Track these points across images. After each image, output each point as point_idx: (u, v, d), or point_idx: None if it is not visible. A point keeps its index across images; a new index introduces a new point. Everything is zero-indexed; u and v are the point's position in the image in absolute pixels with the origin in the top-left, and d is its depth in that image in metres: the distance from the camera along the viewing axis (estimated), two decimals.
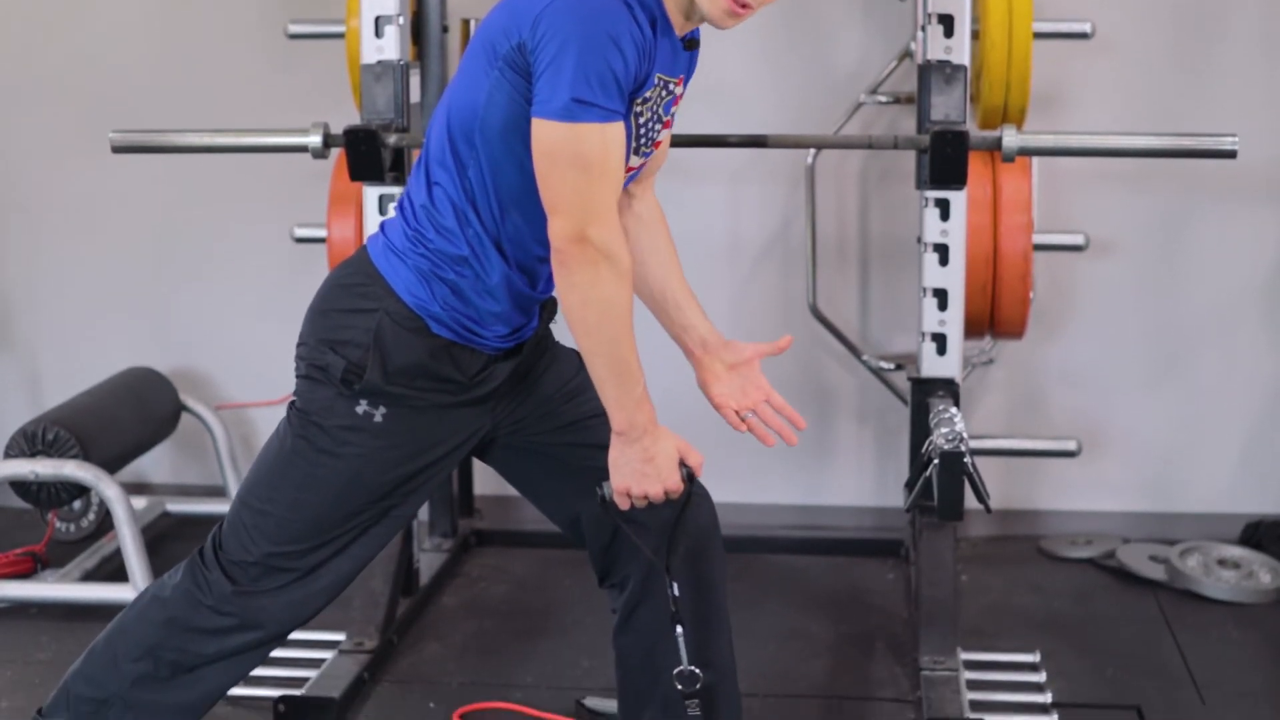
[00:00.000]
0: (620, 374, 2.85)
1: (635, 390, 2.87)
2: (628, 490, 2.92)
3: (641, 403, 2.88)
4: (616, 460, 2.92)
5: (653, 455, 2.90)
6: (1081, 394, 5.25)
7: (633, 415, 2.88)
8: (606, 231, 2.77)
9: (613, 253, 2.77)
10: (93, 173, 5.45)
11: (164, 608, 3.14)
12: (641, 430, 2.89)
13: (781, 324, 5.28)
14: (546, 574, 4.99)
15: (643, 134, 2.92)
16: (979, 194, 4.50)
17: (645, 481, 2.91)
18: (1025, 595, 4.84)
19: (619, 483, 2.93)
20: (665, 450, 2.92)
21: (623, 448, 2.91)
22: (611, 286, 2.78)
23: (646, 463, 2.90)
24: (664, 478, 2.92)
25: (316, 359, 2.99)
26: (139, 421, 5.14)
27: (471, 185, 2.91)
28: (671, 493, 2.94)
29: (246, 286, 5.51)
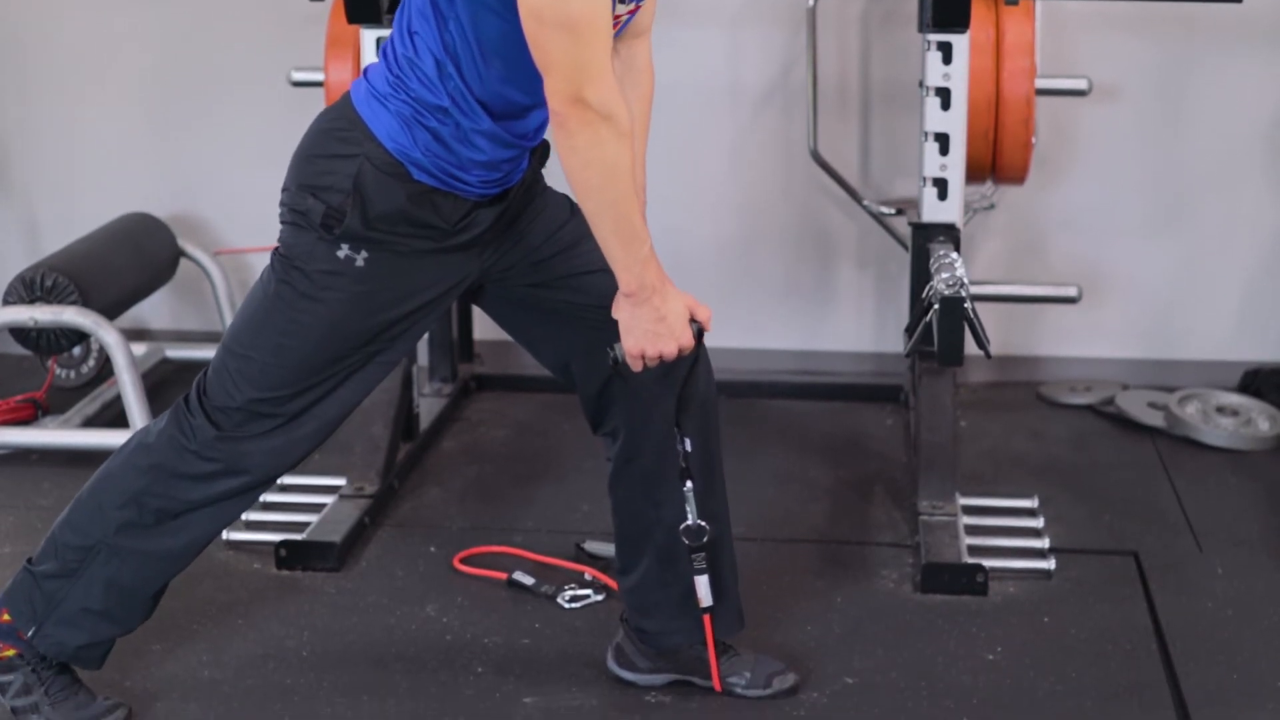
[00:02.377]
0: (625, 235, 2.84)
1: (641, 250, 2.85)
2: (642, 352, 2.92)
3: (648, 262, 2.86)
4: (628, 323, 2.92)
5: (664, 315, 2.90)
6: (1082, 240, 5.23)
7: (641, 275, 2.86)
8: (603, 91, 2.74)
9: (611, 113, 2.74)
10: (90, 16, 5.41)
11: (149, 454, 3.15)
12: (651, 290, 2.88)
13: (783, 169, 5.27)
14: (546, 418, 5.01)
15: None
16: (981, 37, 4.46)
17: (659, 341, 2.91)
18: (1024, 441, 4.86)
19: (632, 345, 2.92)
20: (676, 309, 2.92)
21: (633, 309, 2.90)
22: (612, 147, 2.76)
23: (658, 322, 2.90)
24: (677, 335, 2.92)
25: (298, 204, 2.97)
26: (138, 267, 5.13)
27: (453, 37, 2.86)
28: (685, 350, 2.94)
29: (245, 131, 5.48)
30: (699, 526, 3.09)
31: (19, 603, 3.23)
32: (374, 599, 3.87)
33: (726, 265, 5.35)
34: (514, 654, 3.62)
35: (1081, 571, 3.98)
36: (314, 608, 3.84)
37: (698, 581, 3.17)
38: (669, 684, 3.43)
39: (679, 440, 3.06)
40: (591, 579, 3.91)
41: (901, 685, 3.47)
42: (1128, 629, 3.72)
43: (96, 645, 3.26)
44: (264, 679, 3.52)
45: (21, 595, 3.23)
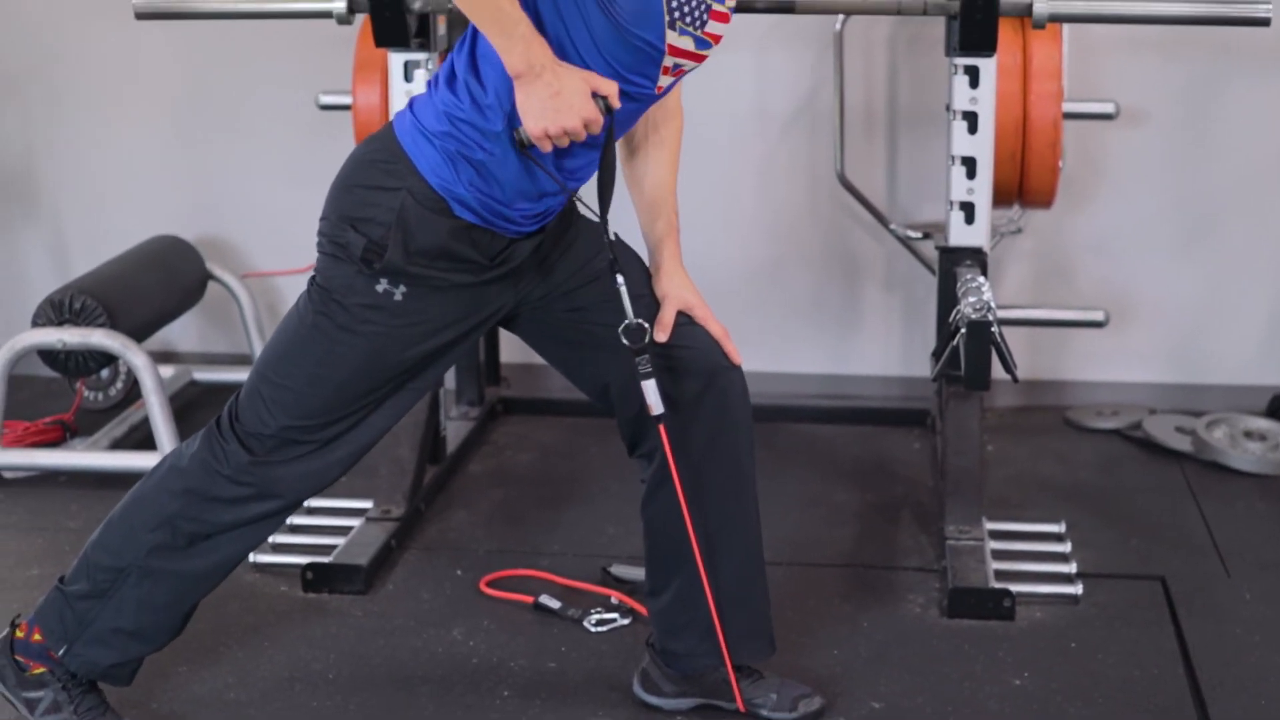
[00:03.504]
0: (496, 16, 2.77)
1: (518, 29, 2.77)
2: (545, 131, 2.83)
3: (530, 40, 2.78)
4: (524, 104, 2.83)
5: (559, 89, 2.80)
6: (1109, 264, 5.23)
7: (525, 54, 2.78)
8: None
9: None
10: (118, 39, 5.43)
11: (181, 477, 3.16)
12: (541, 67, 2.79)
13: (810, 192, 5.27)
14: (573, 442, 5.01)
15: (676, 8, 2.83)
16: (1009, 61, 4.46)
17: (559, 117, 2.81)
18: (1051, 465, 4.84)
19: (533, 125, 2.83)
20: (571, 82, 2.82)
21: (526, 88, 2.81)
22: None
23: (554, 96, 2.80)
24: (578, 108, 2.81)
25: (338, 236, 2.98)
26: (166, 290, 5.15)
27: None
28: (590, 123, 2.84)
29: (272, 154, 5.50)
30: (638, 325, 3.03)
31: (51, 622, 3.25)
32: (400, 622, 3.88)
33: (754, 288, 5.35)
34: (540, 678, 3.61)
35: (1109, 596, 3.97)
36: (340, 630, 3.84)
37: (645, 387, 3.06)
38: (694, 708, 3.42)
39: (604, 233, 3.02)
40: (618, 603, 3.90)
41: (928, 710, 3.47)
42: (1155, 654, 3.70)
43: (126, 664, 3.28)
44: (290, 701, 3.52)
45: (53, 614, 3.25)
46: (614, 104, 2.86)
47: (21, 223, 5.70)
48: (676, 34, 2.88)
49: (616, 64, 2.87)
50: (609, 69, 2.87)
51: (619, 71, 2.88)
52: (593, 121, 2.84)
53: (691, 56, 2.94)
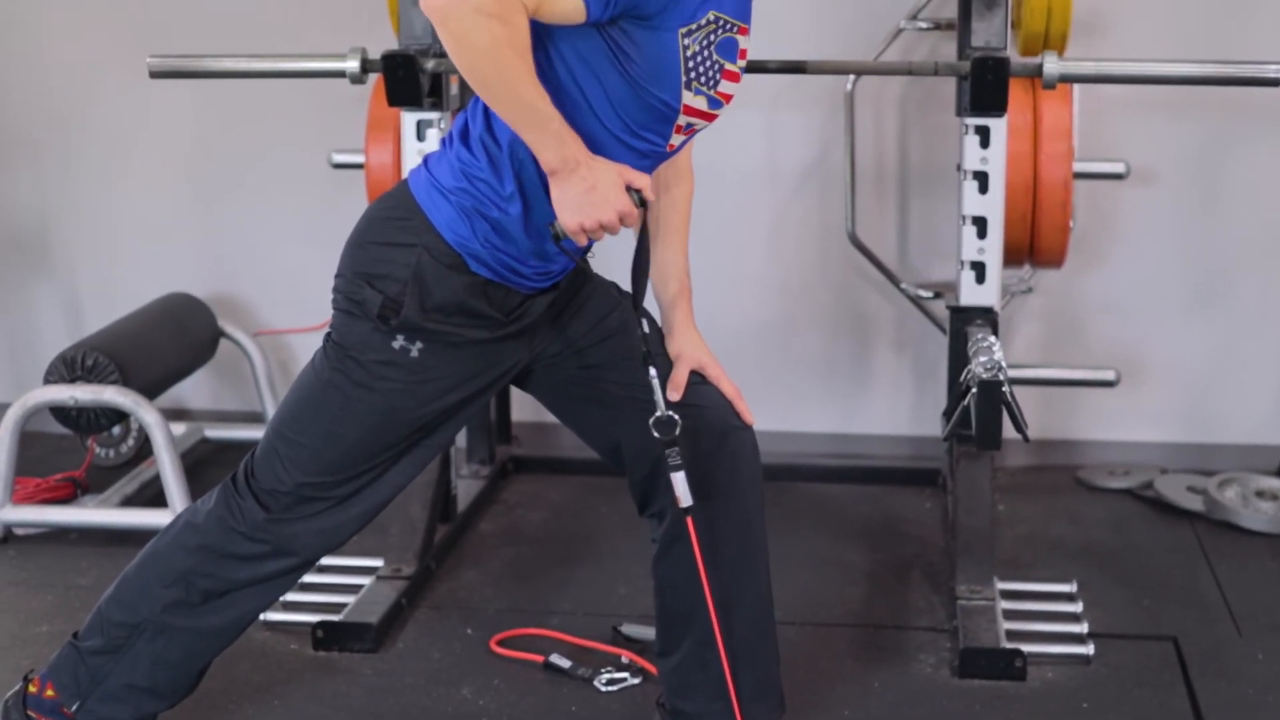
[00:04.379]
0: (529, 116, 2.78)
1: (551, 125, 2.79)
2: (580, 225, 2.85)
3: (563, 136, 2.80)
4: (560, 199, 2.85)
5: (594, 183, 2.83)
6: (1120, 324, 5.23)
7: (559, 150, 2.80)
8: None
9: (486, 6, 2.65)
10: (131, 97, 5.46)
11: (197, 534, 3.17)
12: (575, 163, 2.82)
13: (820, 252, 5.28)
14: (584, 501, 5.01)
15: (693, 69, 2.87)
16: (1019, 121, 4.47)
17: (594, 210, 2.84)
18: (1062, 525, 4.84)
19: (569, 220, 2.85)
20: (606, 175, 2.84)
21: (561, 184, 2.84)
22: (483, 32, 2.67)
23: (589, 191, 2.83)
24: (613, 202, 2.84)
25: (354, 293, 2.99)
26: (178, 347, 5.16)
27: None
28: (626, 217, 2.87)
29: (285, 212, 5.51)
30: (669, 418, 3.02)
31: (64, 678, 3.25)
32: (410, 681, 3.87)
33: (764, 347, 5.36)
34: None
35: (1120, 657, 3.96)
36: (350, 689, 3.83)
37: (675, 479, 3.05)
38: None
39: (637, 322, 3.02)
40: (628, 662, 3.90)
41: None
42: (1167, 715, 3.69)
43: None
44: None
45: (67, 670, 3.25)
46: (648, 197, 2.90)
47: (35, 279, 5.72)
48: (692, 94, 2.90)
49: (631, 121, 2.89)
50: (623, 126, 2.88)
51: (632, 128, 2.89)
52: (627, 215, 2.87)
53: (704, 115, 2.96)
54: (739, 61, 2.96)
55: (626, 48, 2.82)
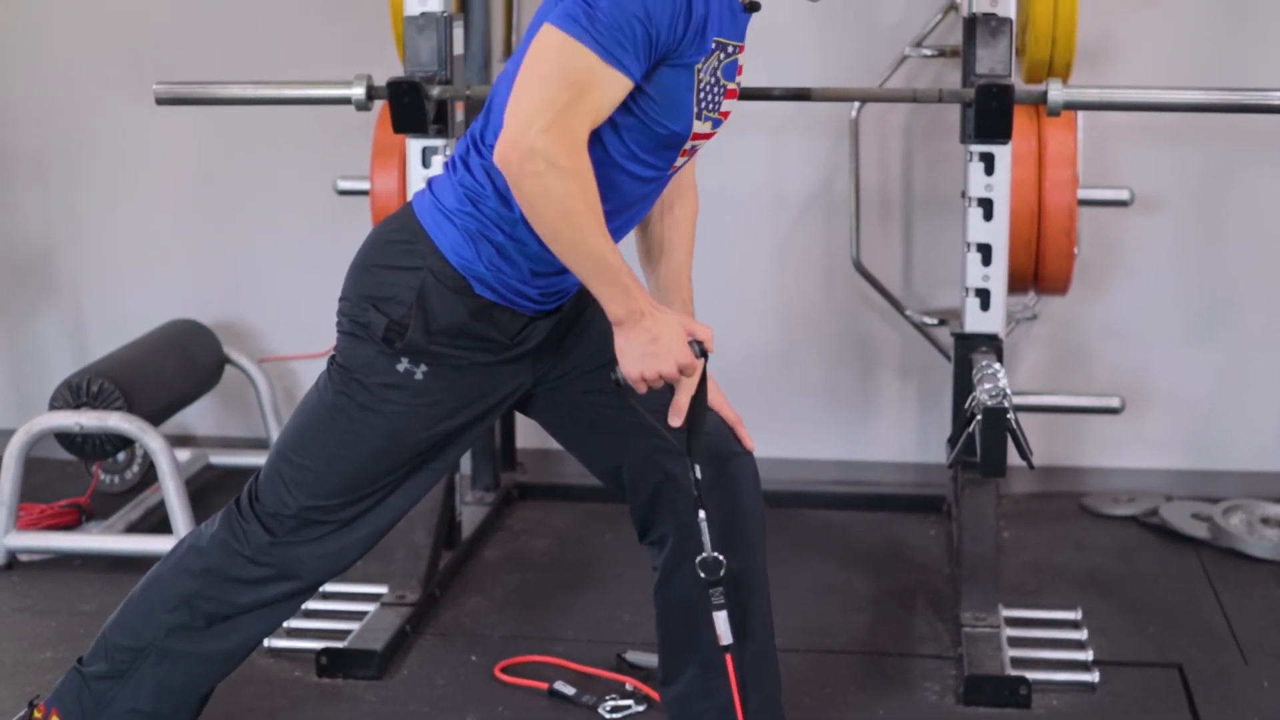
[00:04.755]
0: (601, 271, 2.80)
1: (621, 280, 2.81)
2: (641, 375, 2.88)
3: (631, 290, 2.82)
4: (624, 348, 2.88)
5: (657, 334, 2.85)
6: (1125, 350, 5.23)
7: (625, 303, 2.83)
8: (552, 139, 2.68)
9: (555, 157, 2.68)
10: (136, 124, 5.47)
11: (201, 558, 3.17)
12: (640, 314, 2.84)
13: (825, 278, 5.28)
14: (588, 528, 5.00)
15: (704, 98, 2.89)
16: (1024, 148, 4.48)
17: (656, 362, 2.86)
18: (1067, 552, 4.83)
19: (631, 369, 2.88)
20: (670, 328, 2.86)
21: (626, 334, 2.86)
22: (559, 188, 2.70)
23: (653, 343, 2.85)
24: (675, 353, 2.86)
25: (358, 316, 3.00)
26: (183, 374, 5.17)
27: None
28: (686, 369, 2.89)
29: (290, 239, 5.52)
30: (714, 559, 3.01)
31: (68, 703, 3.25)
32: (415, 708, 3.86)
33: (769, 374, 5.36)
34: None
35: (1125, 684, 3.95)
36: (354, 716, 3.83)
37: (716, 618, 3.04)
38: None
39: (689, 468, 3.02)
40: (633, 689, 3.89)
41: None
42: None
43: None
44: None
45: (71, 696, 3.25)
46: (709, 348, 2.93)
47: (40, 305, 5.73)
48: (701, 121, 2.91)
49: (639, 150, 2.90)
50: (631, 156, 2.89)
51: (640, 157, 2.90)
52: (687, 366, 2.89)
53: (707, 136, 2.98)
54: (738, 78, 2.98)
55: (644, 88, 2.82)
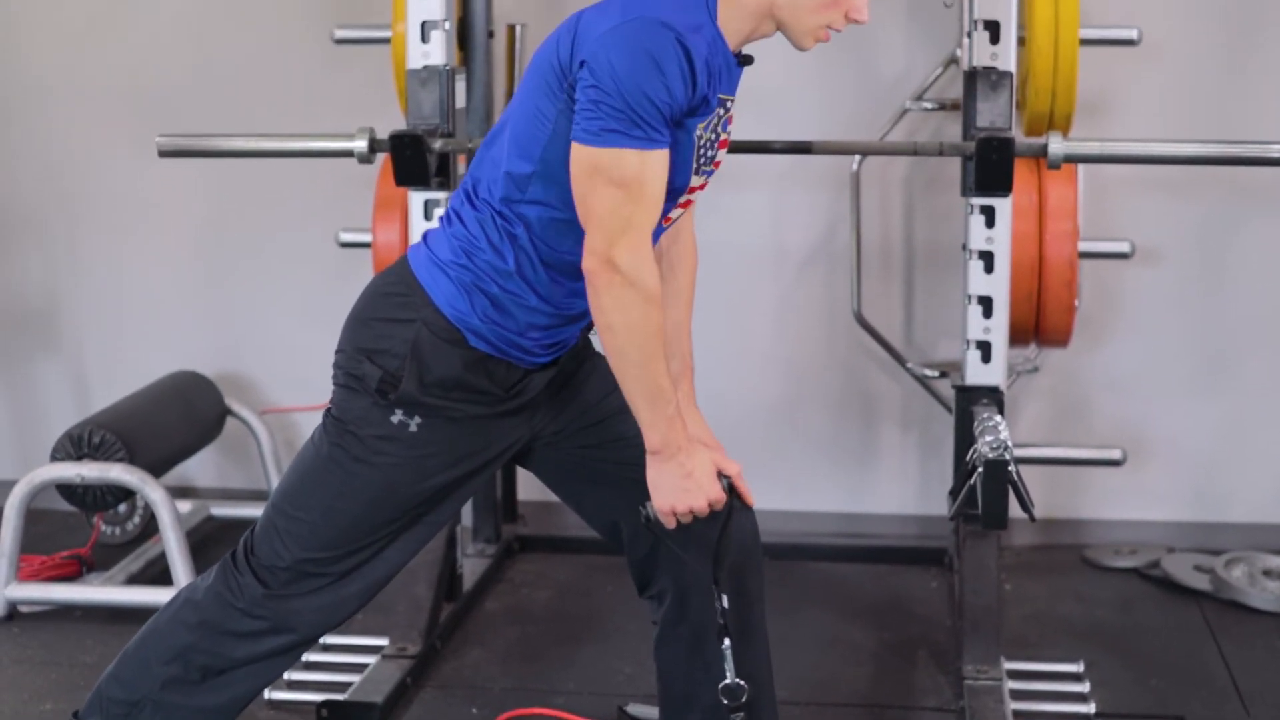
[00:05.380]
0: (652, 395, 2.86)
1: (668, 409, 2.87)
2: (672, 509, 2.93)
3: (674, 421, 2.88)
4: (656, 480, 2.94)
5: (690, 470, 2.92)
6: (1126, 402, 5.23)
7: (666, 434, 2.89)
8: (634, 255, 2.77)
9: (639, 277, 2.77)
10: (139, 176, 5.48)
11: (196, 610, 3.16)
12: (676, 448, 2.90)
13: (826, 331, 5.29)
14: (589, 580, 5.00)
15: (702, 154, 2.91)
16: (1024, 201, 4.49)
17: (687, 497, 2.92)
18: (1069, 604, 4.83)
19: (662, 502, 2.94)
20: (702, 464, 2.93)
21: (659, 466, 2.92)
22: (638, 311, 2.79)
23: (685, 478, 2.92)
24: (705, 490, 2.93)
25: (353, 368, 3.00)
26: (184, 425, 5.17)
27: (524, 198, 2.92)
28: (715, 504, 2.95)
29: (292, 291, 5.53)
30: (737, 685, 3.05)
31: None
32: None
33: (770, 426, 5.36)
34: None
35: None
36: None
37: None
38: None
39: (716, 597, 3.05)
40: None
41: None
42: None
43: None
44: None
45: None
46: (738, 485, 3.01)
47: (42, 357, 5.73)
48: (699, 176, 2.93)
49: None
50: None
51: None
52: (717, 502, 2.95)
53: (701, 187, 3.00)
54: (729, 128, 3.01)
55: None
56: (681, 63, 2.76)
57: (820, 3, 2.91)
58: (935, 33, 5.03)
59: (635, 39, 2.75)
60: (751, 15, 2.92)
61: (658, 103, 2.74)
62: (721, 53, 2.88)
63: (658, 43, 2.75)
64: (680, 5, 2.83)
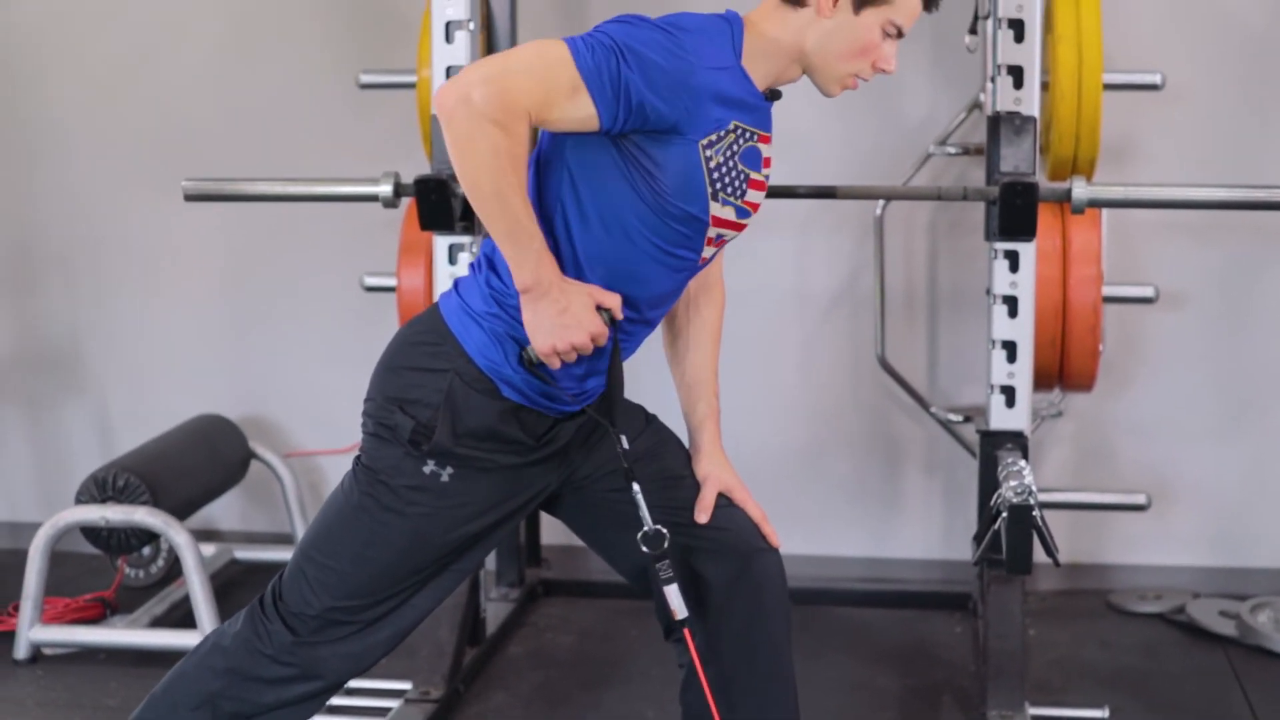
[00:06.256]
0: (513, 230, 2.82)
1: (533, 244, 2.83)
2: (553, 348, 2.88)
3: (541, 256, 2.84)
4: (531, 321, 2.89)
5: (566, 305, 2.87)
6: (1151, 447, 5.22)
7: (535, 270, 2.84)
8: (492, 95, 2.73)
9: (490, 110, 2.73)
10: (165, 219, 5.51)
11: (224, 656, 3.15)
12: (548, 284, 2.85)
13: (851, 375, 5.29)
14: (613, 624, 4.99)
15: (718, 179, 2.91)
16: (1048, 245, 4.49)
17: (567, 333, 2.87)
18: (1094, 650, 4.81)
19: (541, 342, 2.88)
20: (578, 299, 2.88)
21: (533, 305, 2.87)
22: (487, 140, 2.74)
23: (562, 314, 2.86)
24: (585, 324, 2.88)
25: (385, 418, 3.00)
26: (209, 468, 5.18)
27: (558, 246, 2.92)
28: (597, 338, 2.90)
29: (316, 334, 5.54)
30: (657, 531, 3.00)
31: None
32: None
33: (795, 470, 5.36)
34: None
35: None
36: None
37: (668, 592, 3.02)
38: None
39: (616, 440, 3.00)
40: None
41: None
42: None
43: None
44: None
45: None
46: (617, 315, 2.93)
47: (67, 399, 5.75)
48: (719, 204, 2.93)
49: (661, 239, 2.92)
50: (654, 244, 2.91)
51: (662, 245, 2.92)
52: (599, 335, 2.90)
53: (733, 226, 2.99)
54: (764, 170, 3.00)
55: (647, 165, 2.86)
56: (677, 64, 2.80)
57: (850, 51, 2.94)
58: (959, 77, 5.04)
59: (651, 27, 2.85)
60: (779, 57, 2.95)
61: (628, 68, 2.78)
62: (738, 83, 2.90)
63: (668, 39, 2.82)
64: (707, 37, 2.86)
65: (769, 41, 2.95)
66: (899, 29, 2.97)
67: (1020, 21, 4.15)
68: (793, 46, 2.95)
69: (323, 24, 5.41)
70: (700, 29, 2.89)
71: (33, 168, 5.64)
